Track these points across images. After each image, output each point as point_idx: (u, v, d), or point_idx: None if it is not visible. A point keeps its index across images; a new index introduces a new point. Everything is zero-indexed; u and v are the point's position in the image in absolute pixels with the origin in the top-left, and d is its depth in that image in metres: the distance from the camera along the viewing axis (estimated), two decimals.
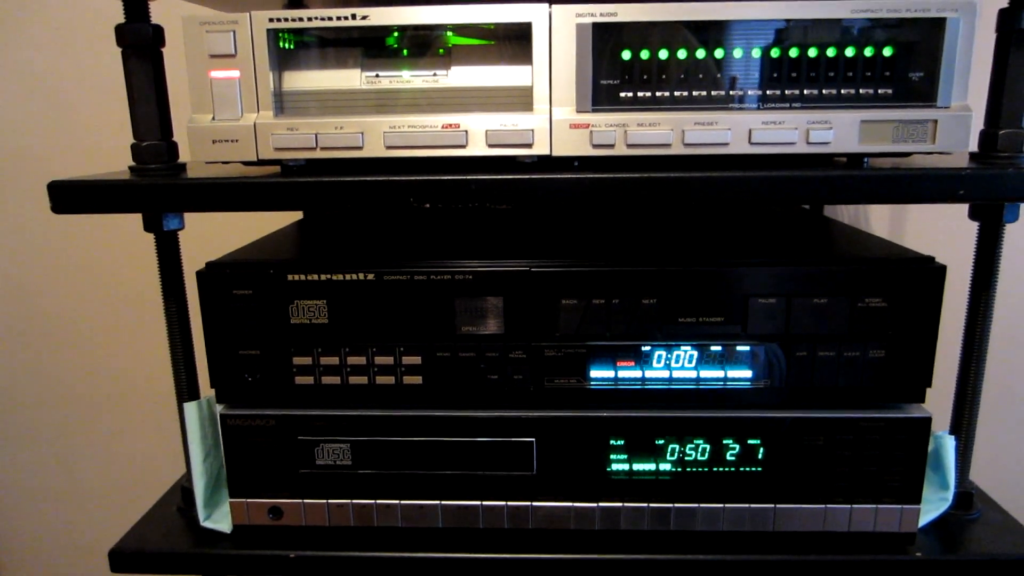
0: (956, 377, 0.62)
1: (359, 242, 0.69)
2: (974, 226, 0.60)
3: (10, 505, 1.18)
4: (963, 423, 0.62)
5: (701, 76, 0.54)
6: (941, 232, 0.95)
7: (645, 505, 0.60)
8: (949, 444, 0.62)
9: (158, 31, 0.56)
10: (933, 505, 0.62)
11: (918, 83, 0.53)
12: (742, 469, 0.59)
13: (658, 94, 0.54)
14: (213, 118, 0.55)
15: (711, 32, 0.53)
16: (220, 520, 0.63)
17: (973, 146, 0.56)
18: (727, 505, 0.59)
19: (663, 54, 0.53)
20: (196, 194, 0.55)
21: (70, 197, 0.55)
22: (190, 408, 0.62)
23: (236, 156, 0.55)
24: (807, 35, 0.53)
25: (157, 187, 0.55)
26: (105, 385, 1.12)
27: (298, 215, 0.92)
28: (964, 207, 0.59)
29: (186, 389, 0.63)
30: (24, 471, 1.16)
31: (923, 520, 0.61)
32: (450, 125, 0.54)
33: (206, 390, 0.63)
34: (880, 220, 0.99)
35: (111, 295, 1.08)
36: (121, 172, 0.58)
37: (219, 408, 0.60)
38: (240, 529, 0.62)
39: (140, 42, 0.56)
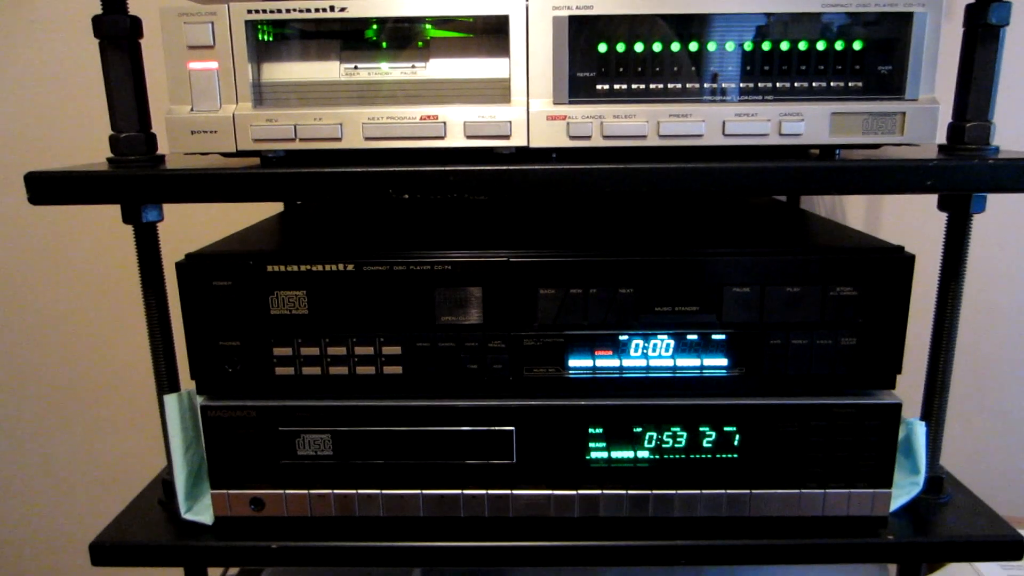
0: (927, 365, 0.63)
1: (338, 234, 0.70)
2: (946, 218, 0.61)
3: None
4: (933, 409, 0.63)
5: (676, 69, 0.54)
6: (915, 225, 0.97)
7: (624, 492, 0.60)
8: (920, 430, 0.63)
9: (136, 22, 0.56)
10: (904, 490, 0.63)
11: (887, 76, 0.54)
12: (719, 456, 0.60)
13: (634, 86, 0.55)
14: (192, 109, 0.55)
15: (686, 25, 0.54)
16: (201, 512, 0.63)
17: (941, 139, 0.57)
18: (704, 491, 0.60)
19: (639, 47, 0.54)
20: (174, 185, 0.55)
21: (47, 188, 0.55)
22: (170, 400, 0.62)
23: (215, 147, 0.56)
24: (779, 29, 0.54)
25: (135, 178, 0.55)
26: (85, 379, 1.11)
27: (276, 210, 0.92)
28: (936, 199, 0.61)
29: (166, 382, 0.63)
30: (2, 465, 1.15)
31: (895, 504, 0.62)
32: (428, 116, 0.55)
33: (187, 383, 0.63)
34: (856, 213, 1.00)
35: (90, 288, 1.07)
36: (99, 164, 0.58)
37: (200, 399, 0.60)
38: (222, 521, 0.62)
39: (117, 33, 0.55)
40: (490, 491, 0.60)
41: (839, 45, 0.53)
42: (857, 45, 0.53)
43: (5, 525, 1.18)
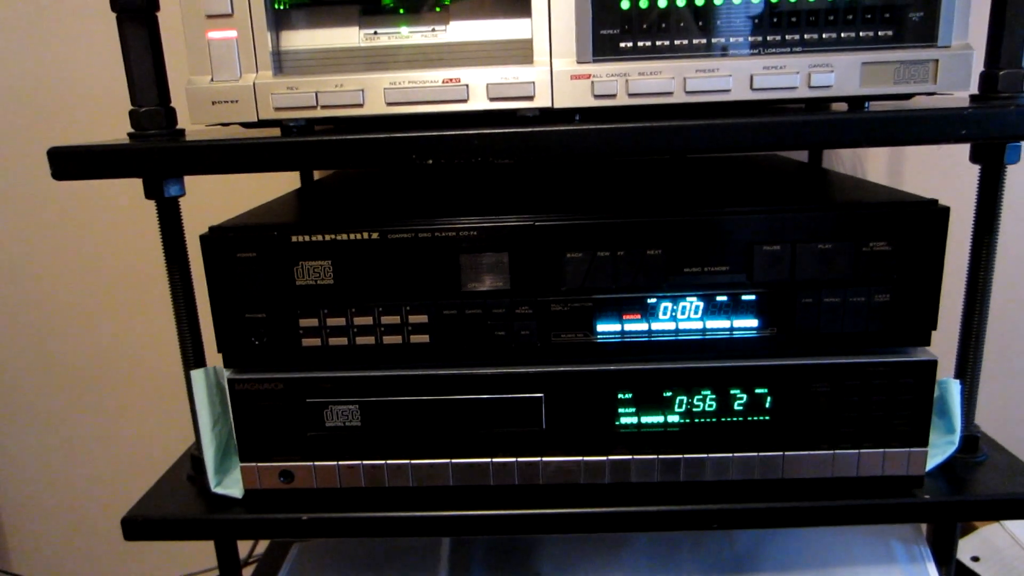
0: (960, 322, 0.62)
1: (360, 205, 0.69)
2: (972, 181, 0.60)
3: (17, 481, 1.18)
4: (968, 367, 0.62)
5: (701, 24, 0.53)
6: (939, 187, 0.95)
7: (655, 457, 0.60)
8: (954, 388, 0.62)
9: None
10: (940, 449, 0.63)
11: (918, 23, 0.52)
12: (750, 418, 0.59)
13: (658, 43, 0.54)
14: (212, 79, 0.55)
15: None
16: (231, 486, 0.63)
17: (974, 88, 0.56)
18: (736, 454, 0.60)
19: (663, 2, 0.53)
20: (197, 156, 0.54)
21: (70, 163, 0.55)
22: (197, 375, 0.62)
23: (236, 117, 0.55)
24: None
25: (158, 150, 0.55)
26: (111, 360, 1.12)
27: (294, 185, 0.91)
28: (963, 159, 0.59)
29: (192, 357, 0.63)
30: (31, 447, 1.17)
31: (930, 464, 0.61)
32: (451, 80, 0.54)
33: (212, 359, 0.63)
34: (877, 175, 0.99)
35: (111, 268, 1.08)
36: (120, 139, 0.58)
37: (227, 373, 0.60)
38: (251, 493, 0.62)
39: (134, 6, 0.55)
40: (519, 459, 0.60)
41: None
42: None
43: (36, 506, 1.19)
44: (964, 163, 0.60)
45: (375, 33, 0.56)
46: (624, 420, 0.59)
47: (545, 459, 0.60)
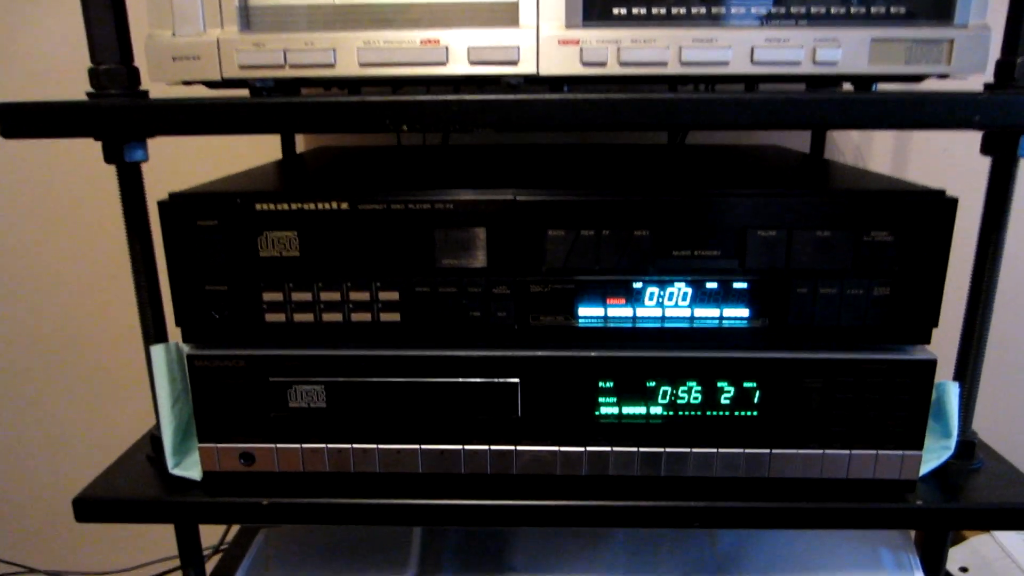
0: (962, 322, 0.59)
1: (335, 176, 0.66)
2: (981, 177, 0.56)
3: None
4: (968, 369, 0.59)
5: None
6: (945, 182, 0.92)
7: (635, 450, 0.57)
8: (952, 391, 0.59)
9: None
10: (934, 454, 0.60)
11: None
12: (737, 413, 0.56)
13: (654, 10, 0.50)
14: (173, 34, 0.51)
15: None
16: (190, 467, 0.60)
17: (990, 73, 0.52)
18: (721, 450, 0.57)
19: None
20: (157, 116, 0.51)
21: (22, 120, 0.51)
22: (157, 351, 0.59)
23: (198, 75, 0.52)
24: None
25: (116, 109, 0.51)
26: (76, 333, 1.08)
27: (272, 157, 0.88)
28: (972, 154, 0.56)
29: (153, 332, 0.60)
30: None
31: (924, 469, 0.58)
32: (429, 41, 0.50)
33: (175, 334, 0.59)
34: (880, 170, 0.95)
35: (75, 237, 1.04)
36: (78, 99, 0.54)
37: (186, 348, 0.57)
38: (210, 476, 0.59)
39: None
40: (493, 447, 0.57)
41: None
42: None
43: None
44: (970, 162, 0.56)
45: None
46: (604, 410, 0.56)
47: (520, 448, 0.57)
